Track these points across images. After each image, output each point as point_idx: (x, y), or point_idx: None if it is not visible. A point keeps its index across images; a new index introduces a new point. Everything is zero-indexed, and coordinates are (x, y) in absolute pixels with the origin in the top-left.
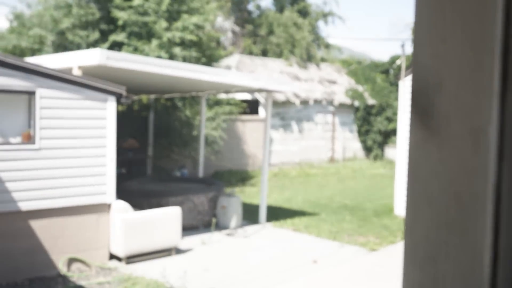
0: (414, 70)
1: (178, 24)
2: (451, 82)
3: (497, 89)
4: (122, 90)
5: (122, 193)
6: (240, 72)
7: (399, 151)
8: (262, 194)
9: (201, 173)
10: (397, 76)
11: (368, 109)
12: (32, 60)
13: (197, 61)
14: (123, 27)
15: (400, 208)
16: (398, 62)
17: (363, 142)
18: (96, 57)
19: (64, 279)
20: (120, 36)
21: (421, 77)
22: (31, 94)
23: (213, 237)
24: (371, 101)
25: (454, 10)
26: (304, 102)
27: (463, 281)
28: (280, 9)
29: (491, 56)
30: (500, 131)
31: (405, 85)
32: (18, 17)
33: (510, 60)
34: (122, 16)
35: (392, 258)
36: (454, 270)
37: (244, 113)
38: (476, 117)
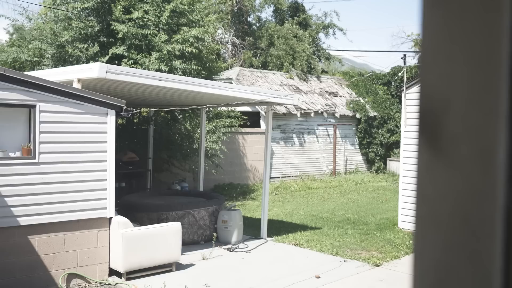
0: (421, 89)
1: (178, 36)
2: (458, 103)
3: (505, 110)
4: (122, 104)
5: (122, 207)
6: (241, 85)
7: (402, 163)
8: (263, 208)
9: (201, 186)
10: (398, 88)
11: (369, 121)
12: (32, 74)
13: (197, 73)
14: (122, 40)
15: (403, 222)
16: (399, 74)
17: (365, 154)
18: (96, 70)
19: None
20: (119, 49)
21: (428, 97)
22: (31, 108)
23: (214, 252)
24: (372, 113)
25: (460, 30)
26: (305, 115)
27: None
28: (281, 21)
29: (499, 77)
30: (509, 153)
31: (407, 97)
32: (18, 30)
33: None
34: (121, 29)
35: (396, 273)
36: None
37: (245, 125)
38: (484, 138)
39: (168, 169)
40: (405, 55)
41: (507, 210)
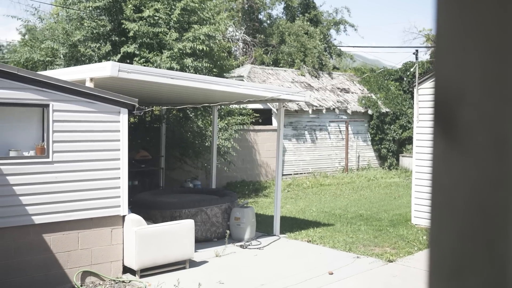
0: (436, 80)
1: (189, 34)
2: (473, 92)
3: None
4: (135, 102)
5: (135, 206)
6: (252, 83)
7: (415, 159)
8: (276, 205)
9: (213, 184)
10: (410, 84)
11: (381, 117)
12: (44, 73)
13: (208, 71)
14: (134, 39)
15: (416, 217)
16: (411, 69)
17: (377, 150)
18: (108, 69)
19: None
20: (131, 48)
21: (443, 87)
22: (44, 107)
23: (227, 249)
24: (384, 109)
25: (475, 19)
26: (317, 111)
27: None
28: (291, 18)
29: None
30: None
31: (419, 92)
32: (30, 30)
33: None
34: (133, 27)
35: (409, 269)
36: (480, 283)
37: (257, 123)
38: (499, 126)
39: (181, 167)
40: (417, 51)
41: None
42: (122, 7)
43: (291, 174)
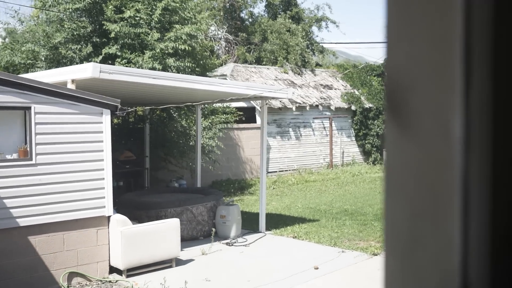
0: (387, 69)
1: (171, 34)
2: (420, 81)
3: (461, 86)
4: (117, 103)
5: (120, 206)
6: (235, 81)
7: None
8: (261, 202)
9: (199, 183)
10: None
11: (365, 112)
12: (26, 76)
13: (191, 71)
14: (115, 40)
15: None
16: None
17: (362, 146)
18: (89, 70)
19: None
20: (112, 49)
21: (393, 77)
22: (26, 110)
23: (213, 247)
24: (368, 104)
25: (419, 11)
26: (300, 108)
27: (438, 268)
28: (273, 16)
29: (455, 55)
30: (466, 125)
31: None
32: (10, 33)
33: (472, 59)
34: (114, 28)
35: None
36: (430, 260)
37: (241, 121)
38: (444, 112)
39: (166, 167)
40: None
41: (466, 177)
42: (102, 8)
43: (276, 172)
